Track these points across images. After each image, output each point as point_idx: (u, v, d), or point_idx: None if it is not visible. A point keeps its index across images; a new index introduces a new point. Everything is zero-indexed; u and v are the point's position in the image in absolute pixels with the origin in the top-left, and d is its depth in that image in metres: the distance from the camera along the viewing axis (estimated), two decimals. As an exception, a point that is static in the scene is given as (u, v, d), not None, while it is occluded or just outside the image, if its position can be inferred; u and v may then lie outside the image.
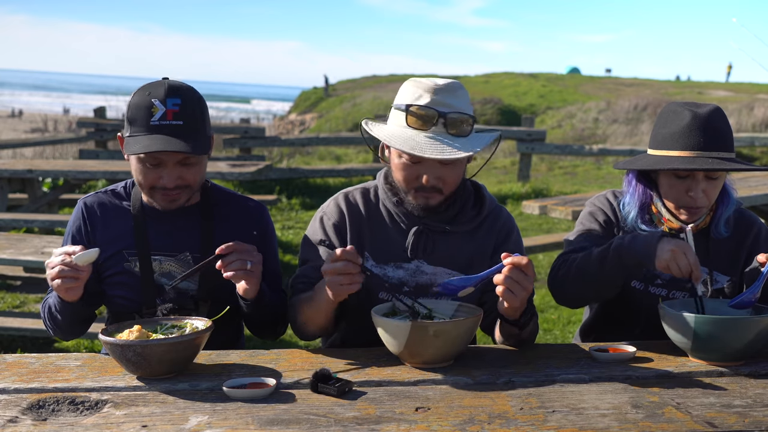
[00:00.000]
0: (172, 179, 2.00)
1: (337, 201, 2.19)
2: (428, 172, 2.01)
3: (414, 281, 2.11)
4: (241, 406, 1.61)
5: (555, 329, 5.33)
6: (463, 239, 2.14)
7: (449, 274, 2.12)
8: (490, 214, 2.19)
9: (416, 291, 2.10)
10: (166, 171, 1.99)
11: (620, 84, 34.53)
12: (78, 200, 2.18)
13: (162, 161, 1.98)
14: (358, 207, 2.17)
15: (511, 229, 2.20)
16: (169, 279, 2.08)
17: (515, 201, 9.70)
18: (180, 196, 2.04)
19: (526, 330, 1.99)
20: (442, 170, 2.01)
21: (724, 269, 2.24)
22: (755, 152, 16.29)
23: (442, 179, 2.03)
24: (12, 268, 5.79)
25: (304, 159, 14.15)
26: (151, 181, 2.01)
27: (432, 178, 2.01)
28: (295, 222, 8.57)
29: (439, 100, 1.98)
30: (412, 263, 2.12)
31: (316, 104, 34.89)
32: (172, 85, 1.99)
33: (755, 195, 5.34)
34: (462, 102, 2.01)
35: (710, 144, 2.05)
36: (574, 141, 20.27)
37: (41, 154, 13.88)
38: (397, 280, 2.11)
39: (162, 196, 2.03)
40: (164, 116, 1.94)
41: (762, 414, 1.58)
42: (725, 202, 2.22)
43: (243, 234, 2.12)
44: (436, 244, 2.12)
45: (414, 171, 2.02)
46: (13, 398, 1.67)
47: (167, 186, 2.00)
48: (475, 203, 2.19)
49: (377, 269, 2.11)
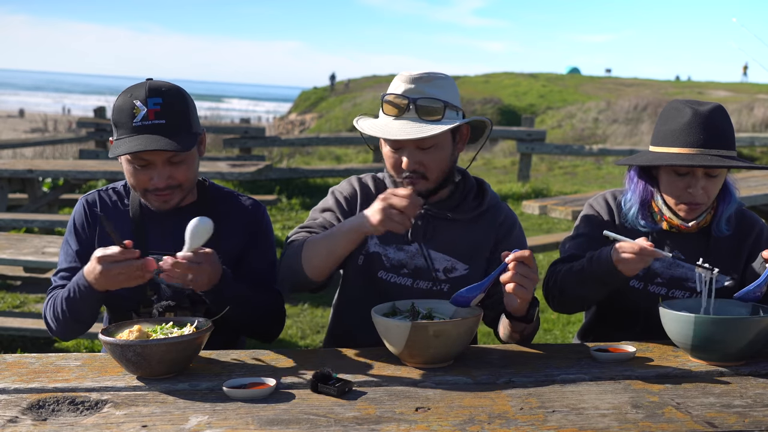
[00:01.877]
0: (163, 179, 2.01)
1: (351, 181, 2.27)
2: (407, 156, 2.07)
3: (413, 264, 2.16)
4: (241, 406, 1.61)
5: (555, 329, 5.33)
6: (464, 228, 2.18)
7: (448, 260, 2.16)
8: (491, 207, 2.23)
9: (415, 273, 2.16)
10: (155, 171, 2.00)
11: (620, 84, 34.52)
12: (78, 199, 2.19)
13: (150, 162, 1.99)
14: (369, 188, 2.24)
15: (513, 223, 2.24)
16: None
17: (515, 201, 9.70)
18: (172, 197, 2.05)
19: (531, 325, 2.02)
20: (421, 155, 2.07)
21: (724, 269, 2.23)
22: (755, 152, 16.29)
23: (422, 163, 2.08)
24: (12, 268, 5.78)
25: (304, 159, 14.16)
26: (142, 183, 2.02)
27: (411, 163, 2.07)
28: (295, 222, 8.57)
29: (413, 89, 2.06)
30: (412, 246, 2.16)
31: (316, 104, 34.89)
32: (153, 86, 2.00)
33: (755, 195, 5.34)
34: (438, 91, 2.07)
35: (710, 141, 2.06)
36: (574, 141, 20.27)
37: (41, 154, 13.89)
38: (397, 261, 2.17)
39: (155, 198, 2.04)
40: (146, 116, 1.96)
41: (762, 414, 1.58)
42: (727, 200, 2.22)
43: (239, 232, 2.13)
44: (437, 231, 2.17)
45: (397, 158, 2.10)
46: (13, 398, 1.67)
47: (158, 186, 2.01)
48: (477, 196, 2.24)
49: (379, 248, 2.17)
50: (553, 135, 21.48)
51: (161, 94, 1.98)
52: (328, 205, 2.21)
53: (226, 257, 2.09)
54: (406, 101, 2.04)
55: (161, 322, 1.89)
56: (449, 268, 2.17)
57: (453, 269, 2.17)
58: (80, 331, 2.10)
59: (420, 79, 2.06)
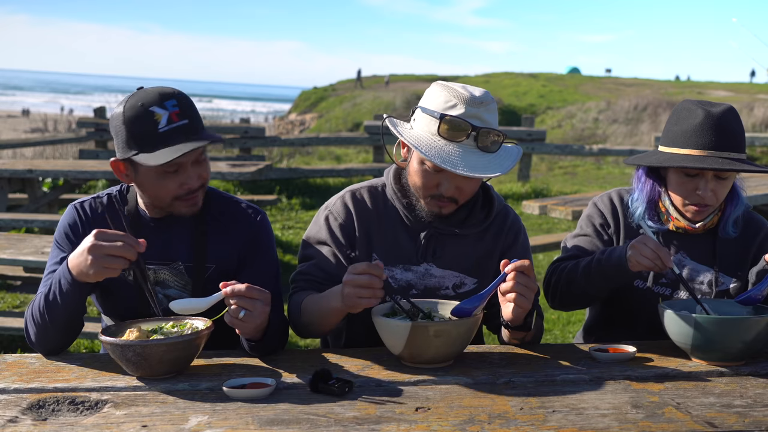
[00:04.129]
0: (195, 179, 1.97)
1: (344, 199, 2.14)
2: (449, 182, 1.98)
3: (423, 284, 2.11)
4: (241, 406, 1.61)
5: (555, 329, 5.34)
6: (472, 241, 2.13)
7: (457, 276, 2.12)
8: (498, 215, 2.18)
9: (425, 294, 2.10)
10: (186, 174, 1.96)
11: (620, 84, 34.54)
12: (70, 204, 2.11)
13: (181, 165, 1.95)
14: (367, 206, 2.14)
15: (519, 230, 2.20)
16: (163, 288, 2.06)
17: (515, 201, 9.70)
18: (199, 198, 2.02)
19: (531, 332, 2.00)
20: (463, 182, 1.99)
21: (730, 271, 2.23)
22: (755, 152, 16.30)
23: (461, 190, 2.01)
24: (12, 268, 5.79)
25: (304, 159, 14.16)
26: (173, 190, 1.97)
27: (452, 189, 1.99)
28: (295, 222, 8.56)
29: (474, 113, 1.93)
30: (421, 266, 2.11)
31: (316, 104, 34.89)
32: (162, 91, 1.95)
33: (755, 195, 5.35)
34: (493, 116, 1.97)
35: (721, 144, 2.05)
36: (574, 141, 20.28)
37: (41, 154, 13.89)
38: (405, 282, 2.11)
39: (184, 203, 1.99)
40: (170, 120, 1.90)
41: (762, 414, 1.58)
42: (734, 202, 2.21)
43: (236, 245, 2.09)
44: (445, 247, 2.12)
45: (434, 179, 2.00)
46: (13, 398, 1.67)
47: (192, 188, 1.97)
48: (483, 204, 2.17)
49: (385, 271, 2.05)
50: (553, 135, 21.49)
51: (174, 96, 1.94)
52: (323, 238, 2.12)
53: (224, 268, 2.08)
54: (469, 128, 1.91)
55: (161, 322, 1.88)
56: (458, 284, 2.12)
57: (462, 284, 2.12)
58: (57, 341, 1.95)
59: (478, 102, 1.94)
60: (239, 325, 1.80)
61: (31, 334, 1.95)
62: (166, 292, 2.07)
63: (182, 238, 2.07)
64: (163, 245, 2.06)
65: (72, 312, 1.89)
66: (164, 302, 2.04)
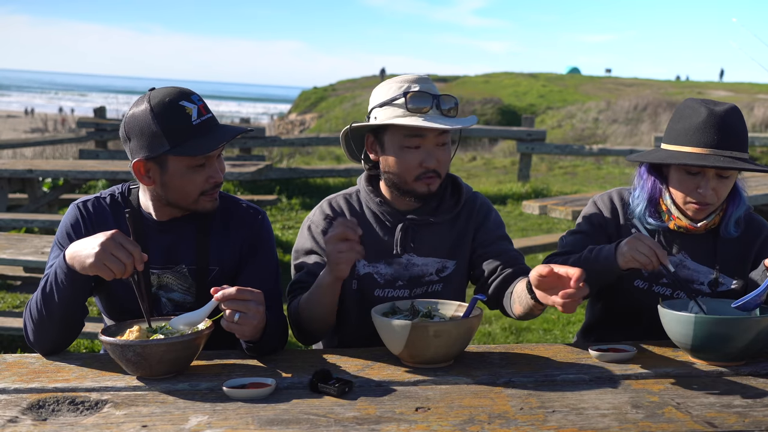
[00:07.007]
0: (219, 173, 2.01)
1: (322, 209, 2.24)
2: (428, 155, 2.08)
3: (407, 274, 2.18)
4: (241, 406, 1.61)
5: (555, 329, 5.33)
6: (447, 227, 2.22)
7: (438, 262, 2.19)
8: (467, 200, 2.27)
9: (410, 283, 2.17)
10: (212, 168, 1.99)
11: (620, 84, 34.54)
12: (72, 203, 2.10)
13: (209, 159, 1.97)
14: (344, 211, 2.23)
15: (488, 210, 2.29)
16: (167, 291, 2.06)
17: (515, 201, 9.69)
18: (218, 193, 2.05)
19: None
20: (439, 152, 2.10)
21: (730, 272, 2.23)
22: (755, 152, 16.29)
23: (439, 161, 2.11)
24: (12, 268, 5.79)
25: (304, 159, 14.16)
26: (200, 185, 1.98)
27: (433, 161, 2.09)
28: (295, 222, 8.56)
29: (427, 87, 2.09)
30: (403, 257, 2.18)
31: (316, 104, 34.89)
32: (179, 88, 1.98)
33: (755, 195, 5.34)
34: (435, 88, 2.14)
35: (723, 142, 2.05)
36: (574, 141, 20.28)
37: (41, 154, 13.88)
38: (390, 276, 2.18)
39: (208, 198, 2.01)
40: (200, 113, 1.94)
41: (762, 414, 1.58)
42: (736, 201, 2.21)
43: (237, 245, 2.09)
44: (422, 237, 2.19)
45: (416, 157, 2.09)
46: (13, 398, 1.67)
47: (218, 181, 2.00)
48: (453, 193, 2.27)
49: (369, 268, 2.17)
50: (553, 135, 21.49)
51: (192, 93, 1.98)
52: (309, 246, 2.19)
53: (224, 269, 2.08)
54: (431, 97, 2.06)
55: (161, 322, 1.88)
56: (440, 269, 2.21)
57: (444, 268, 2.21)
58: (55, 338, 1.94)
59: (427, 81, 2.11)
60: (237, 330, 1.80)
61: (29, 331, 1.95)
62: (170, 295, 2.07)
63: (185, 240, 2.07)
64: (167, 248, 2.06)
65: (69, 306, 1.88)
66: (167, 306, 2.05)
